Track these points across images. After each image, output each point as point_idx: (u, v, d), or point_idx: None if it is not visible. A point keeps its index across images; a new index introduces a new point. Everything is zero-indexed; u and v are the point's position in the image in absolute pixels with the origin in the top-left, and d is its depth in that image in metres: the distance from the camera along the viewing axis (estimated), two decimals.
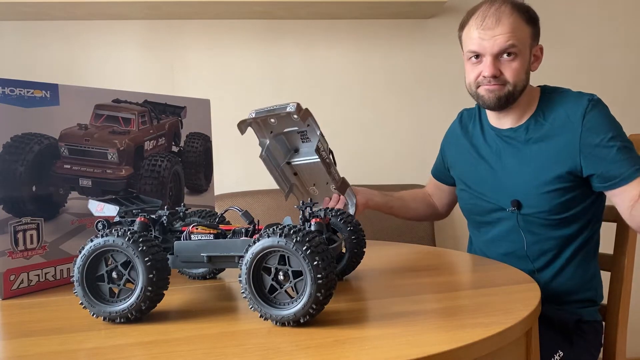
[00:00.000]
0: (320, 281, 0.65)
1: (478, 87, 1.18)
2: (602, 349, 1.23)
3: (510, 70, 1.14)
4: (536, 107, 1.20)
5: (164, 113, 1.16)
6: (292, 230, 0.66)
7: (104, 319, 0.72)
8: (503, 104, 1.17)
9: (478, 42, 1.14)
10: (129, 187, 1.09)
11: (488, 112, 1.27)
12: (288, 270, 0.67)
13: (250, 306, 0.68)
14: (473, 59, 1.17)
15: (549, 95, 1.20)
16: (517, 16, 1.13)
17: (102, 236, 0.71)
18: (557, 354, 1.12)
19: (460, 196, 1.34)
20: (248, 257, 0.67)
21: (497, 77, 1.14)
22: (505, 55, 1.13)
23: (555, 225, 1.17)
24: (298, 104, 0.97)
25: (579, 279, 1.19)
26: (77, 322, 0.74)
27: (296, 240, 0.65)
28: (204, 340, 0.65)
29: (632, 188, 1.09)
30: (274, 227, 0.68)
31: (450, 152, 1.39)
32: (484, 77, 1.15)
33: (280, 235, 0.66)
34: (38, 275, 0.95)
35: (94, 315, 0.72)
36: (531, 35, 1.16)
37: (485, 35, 1.13)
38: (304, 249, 0.64)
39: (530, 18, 1.16)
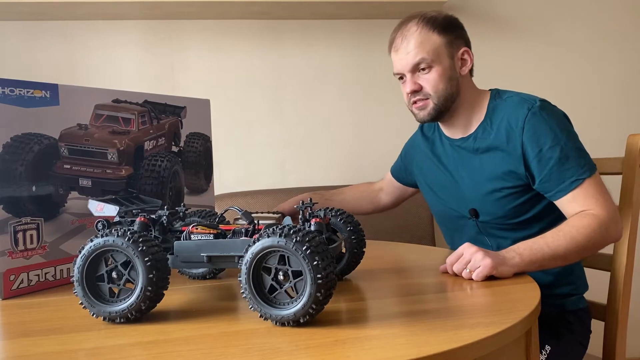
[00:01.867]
0: (320, 281, 0.65)
1: (411, 105, 1.21)
2: (599, 345, 1.23)
3: (427, 83, 1.17)
4: (485, 114, 1.20)
5: (164, 113, 1.16)
6: (292, 230, 0.66)
7: (104, 319, 0.72)
8: (435, 117, 1.20)
9: (396, 64, 1.20)
10: (129, 187, 1.09)
11: (440, 123, 1.28)
12: (288, 270, 0.67)
13: (250, 306, 0.68)
14: (400, 79, 1.22)
15: (496, 101, 1.19)
16: (423, 30, 1.16)
17: (102, 236, 0.71)
18: (545, 350, 1.12)
19: (430, 203, 1.37)
20: (248, 257, 0.67)
21: (418, 91, 1.18)
22: (420, 70, 1.17)
23: (515, 229, 1.18)
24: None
25: (555, 274, 1.19)
26: (77, 322, 0.74)
27: (296, 240, 0.65)
28: (204, 340, 0.65)
29: (567, 202, 1.08)
30: (274, 227, 0.68)
31: (415, 160, 1.40)
32: (407, 94, 1.20)
33: (280, 235, 0.66)
34: (38, 275, 0.95)
35: (94, 315, 0.72)
36: (445, 44, 1.17)
37: (398, 55, 1.19)
38: (303, 248, 0.64)
39: (443, 27, 1.17)
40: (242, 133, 2.01)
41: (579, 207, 1.07)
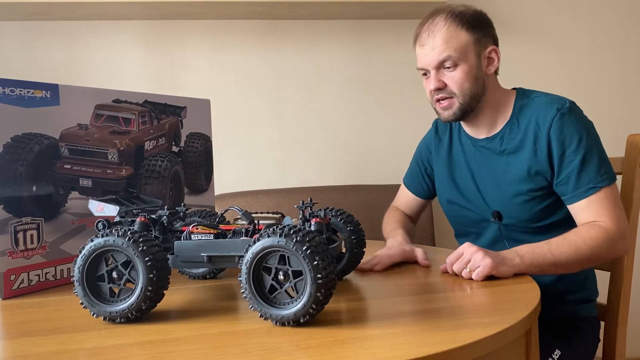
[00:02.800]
0: (320, 281, 0.65)
1: (435, 103, 1.18)
2: (600, 345, 1.23)
3: (452, 81, 1.13)
4: (511, 113, 1.17)
5: (164, 113, 1.16)
6: (292, 230, 0.66)
7: (104, 318, 0.72)
8: (460, 116, 1.17)
9: (420, 58, 1.16)
10: (129, 187, 1.09)
11: (462, 122, 1.24)
12: (288, 270, 0.67)
13: (250, 306, 0.68)
14: (424, 75, 1.18)
15: (523, 100, 1.17)
16: (451, 26, 1.12)
17: (102, 236, 0.71)
18: (555, 354, 1.12)
19: (448, 208, 1.32)
20: (248, 257, 0.67)
21: (442, 89, 1.14)
22: (445, 67, 1.13)
23: (538, 233, 1.15)
24: None
25: (572, 280, 1.18)
26: (77, 322, 0.74)
27: (296, 240, 0.65)
28: (204, 340, 0.65)
29: (580, 209, 1.07)
30: (274, 227, 0.68)
31: (431, 162, 1.37)
32: (431, 91, 1.16)
33: (280, 235, 0.66)
34: (38, 275, 0.95)
35: (94, 315, 0.72)
36: (474, 41, 1.13)
37: (423, 50, 1.15)
38: (304, 248, 0.64)
39: (472, 24, 1.13)
40: (242, 133, 2.01)
41: (591, 216, 1.06)
